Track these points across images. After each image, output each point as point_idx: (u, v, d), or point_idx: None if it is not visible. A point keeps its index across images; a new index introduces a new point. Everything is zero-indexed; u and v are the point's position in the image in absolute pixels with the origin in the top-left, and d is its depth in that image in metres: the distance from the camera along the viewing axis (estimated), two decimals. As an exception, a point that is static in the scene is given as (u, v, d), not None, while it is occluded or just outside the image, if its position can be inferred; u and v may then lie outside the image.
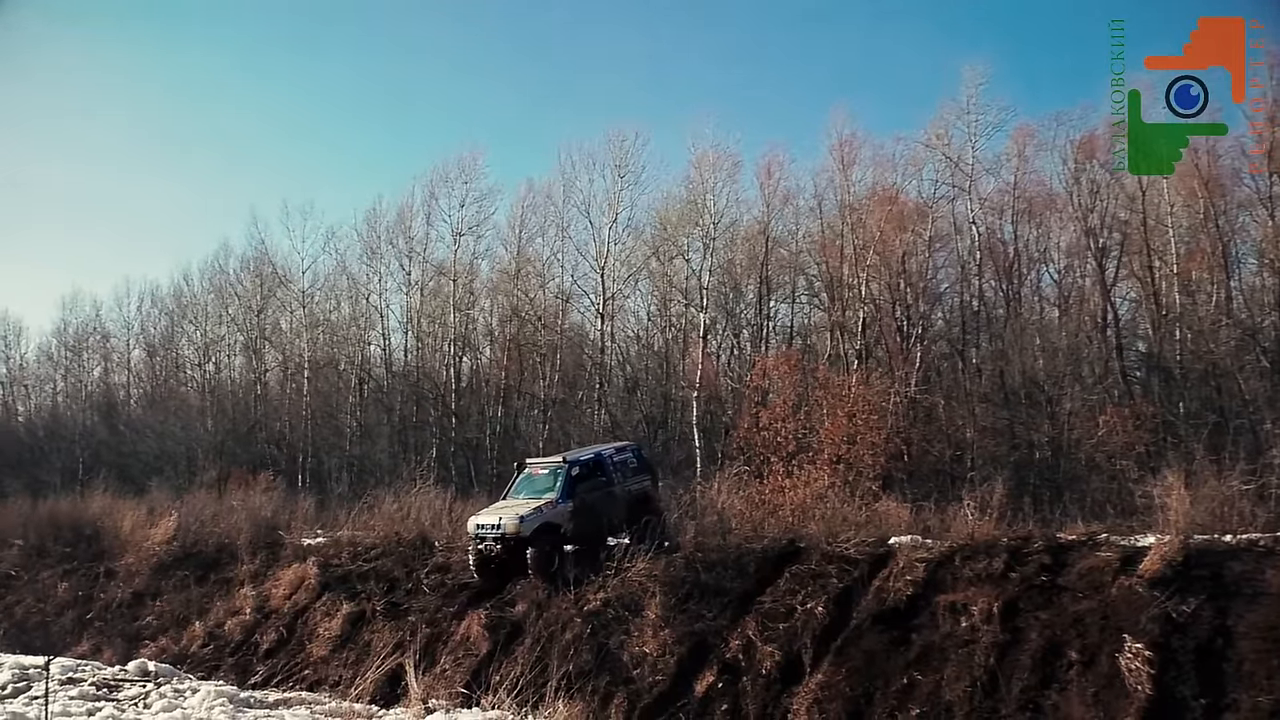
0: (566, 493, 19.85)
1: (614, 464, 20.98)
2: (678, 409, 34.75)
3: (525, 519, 19.20)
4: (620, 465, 21.05)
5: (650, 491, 21.57)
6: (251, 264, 47.08)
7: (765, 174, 35.19)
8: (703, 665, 16.33)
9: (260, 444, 42.25)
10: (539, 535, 19.21)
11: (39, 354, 57.25)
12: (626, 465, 21.23)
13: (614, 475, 20.76)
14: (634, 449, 22.43)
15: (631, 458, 21.64)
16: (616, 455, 21.39)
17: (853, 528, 18.70)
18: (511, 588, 20.37)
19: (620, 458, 21.34)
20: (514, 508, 19.84)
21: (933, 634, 14.98)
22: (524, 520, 19.18)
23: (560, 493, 19.86)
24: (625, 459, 21.39)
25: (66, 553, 29.85)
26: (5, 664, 14.46)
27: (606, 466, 20.82)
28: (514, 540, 19.15)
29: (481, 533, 19.76)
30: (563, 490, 19.89)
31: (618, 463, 21.07)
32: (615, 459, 21.17)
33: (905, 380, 27.52)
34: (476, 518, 20.24)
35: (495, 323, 41.09)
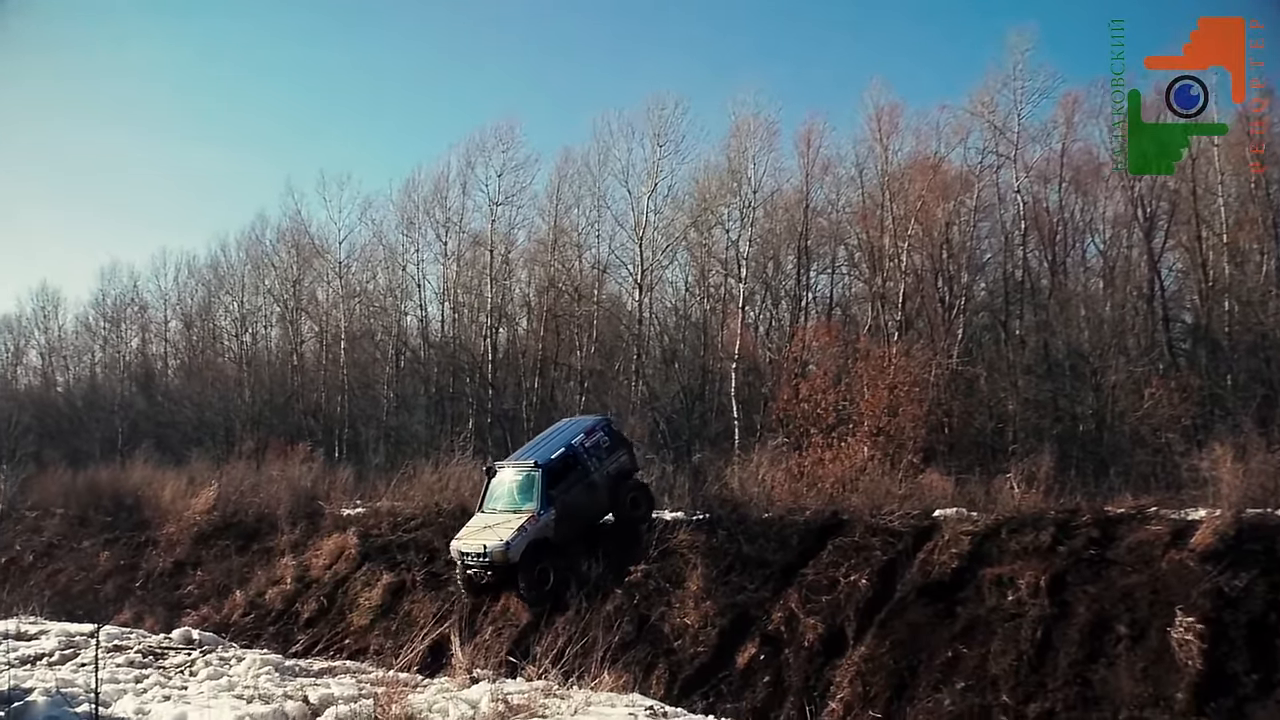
0: (545, 500, 19.04)
1: (587, 451, 20.07)
2: (716, 380, 34.55)
3: (511, 544, 18.36)
4: (593, 450, 20.13)
5: (628, 466, 20.77)
6: (288, 235, 47.19)
7: (804, 143, 34.86)
8: (744, 637, 16.26)
9: (297, 415, 42.46)
10: (527, 557, 18.45)
11: (77, 325, 57.85)
12: (600, 447, 20.27)
13: (589, 463, 19.91)
14: (603, 425, 21.20)
15: (603, 436, 20.59)
16: (587, 441, 20.33)
17: (895, 500, 18.50)
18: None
19: (592, 442, 20.33)
20: (496, 527, 18.92)
21: (978, 607, 14.83)
22: (510, 546, 18.34)
23: (539, 502, 19.04)
24: (597, 440, 20.39)
25: (107, 522, 30.16)
26: (52, 631, 14.56)
27: (580, 457, 19.92)
28: (503, 566, 18.44)
29: (468, 560, 18.99)
30: (541, 499, 19.07)
31: (590, 448, 20.13)
32: (587, 445, 20.20)
33: (947, 352, 27.15)
34: (459, 543, 19.36)
35: (532, 293, 41.03)
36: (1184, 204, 29.97)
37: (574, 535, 19.12)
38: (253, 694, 11.02)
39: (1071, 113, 31.92)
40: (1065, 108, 31.94)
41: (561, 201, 39.30)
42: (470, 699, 10.82)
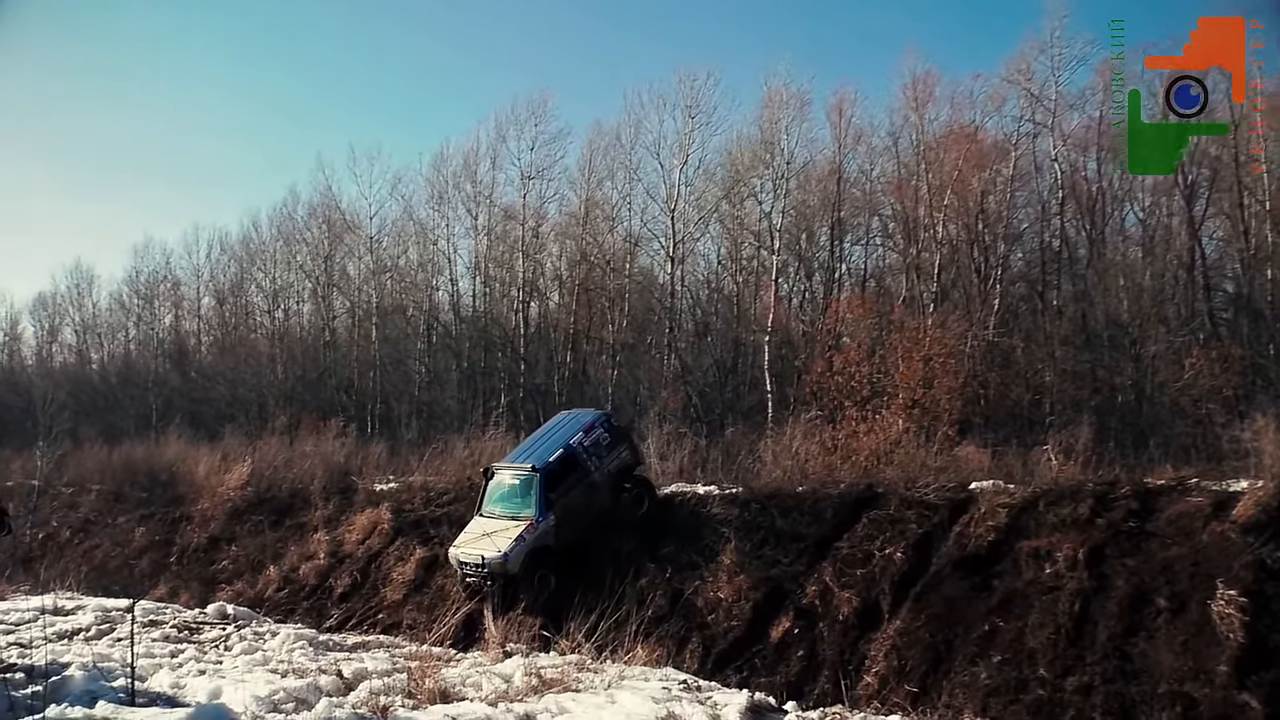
0: (544, 506, 18.46)
1: (586, 450, 19.45)
2: (749, 353, 34.37)
3: (510, 556, 17.73)
4: (593, 448, 19.54)
5: (629, 462, 20.21)
6: (319, 210, 47.17)
7: (837, 113, 34.46)
8: (778, 611, 16.19)
9: (330, 390, 42.62)
10: (527, 567, 17.89)
11: (111, 302, 58.23)
12: (600, 444, 19.66)
13: (589, 462, 19.33)
14: (603, 421, 20.56)
15: (603, 433, 19.94)
16: (586, 439, 19.67)
17: (931, 473, 18.35)
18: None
19: (591, 440, 19.69)
20: (494, 536, 18.30)
21: (1015, 580, 14.69)
22: (509, 557, 17.72)
23: (538, 509, 18.46)
24: (597, 438, 19.75)
25: (143, 498, 30.44)
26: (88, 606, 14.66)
27: (579, 457, 19.32)
28: (502, 576, 17.90)
29: (466, 570, 18.51)
30: (540, 505, 18.48)
31: (589, 446, 19.52)
32: (586, 444, 19.55)
33: (983, 323, 26.86)
34: (457, 551, 18.81)
35: (564, 267, 40.85)
36: (1226, 170, 29.42)
37: (576, 539, 18.54)
38: (287, 668, 11.05)
39: (1110, 79, 31.35)
40: (1103, 74, 31.37)
41: (594, 174, 39.11)
42: (503, 673, 10.83)
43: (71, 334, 60.21)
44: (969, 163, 30.24)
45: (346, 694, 9.61)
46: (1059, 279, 31.07)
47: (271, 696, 9.21)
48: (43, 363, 59.20)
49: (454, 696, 9.51)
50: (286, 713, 8.63)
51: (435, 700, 9.21)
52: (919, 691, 13.15)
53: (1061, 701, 12.46)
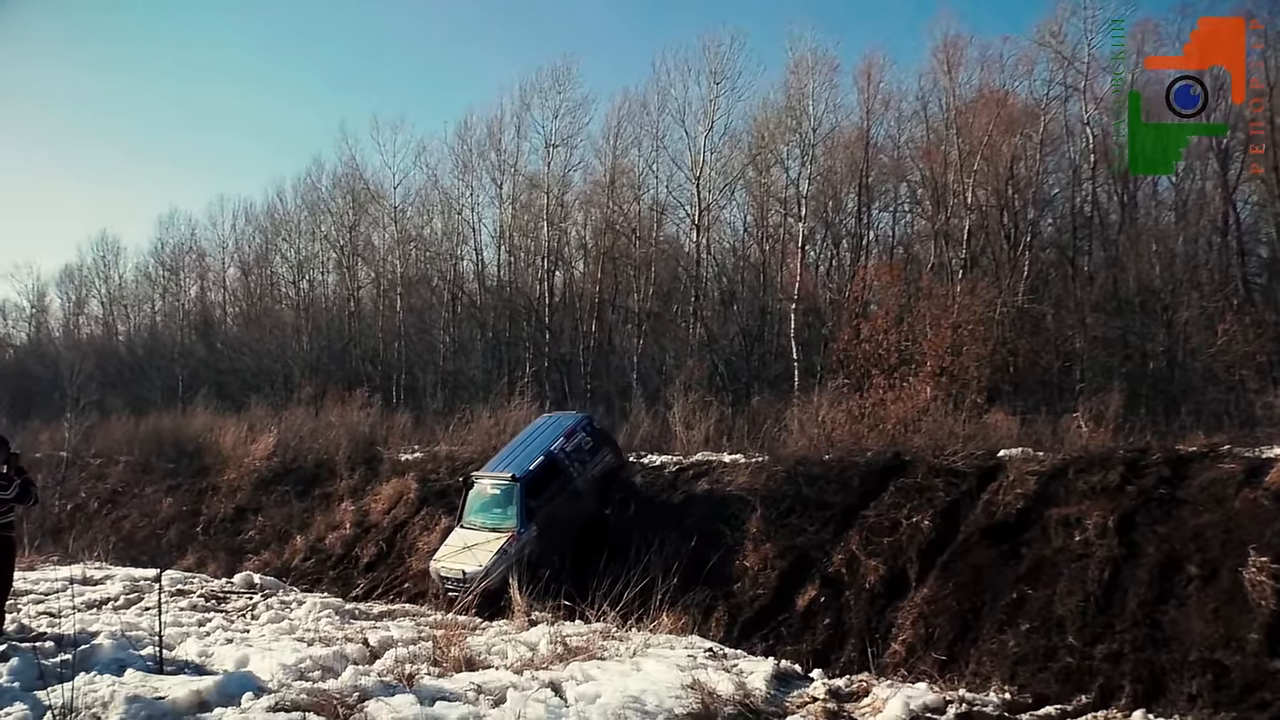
0: (524, 517, 18.03)
1: (568, 455, 19.08)
2: (775, 321, 34.20)
3: (490, 571, 17.10)
4: (575, 453, 19.16)
5: (613, 465, 19.81)
6: (343, 180, 47.12)
7: (865, 78, 34.06)
8: (804, 579, 16.15)
9: (355, 361, 42.69)
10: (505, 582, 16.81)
11: (137, 273, 58.56)
12: (582, 449, 19.30)
13: (571, 469, 18.94)
14: (585, 425, 20.14)
15: (585, 437, 19.59)
16: (568, 444, 19.28)
17: (959, 440, 18.20)
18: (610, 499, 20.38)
19: (573, 445, 19.32)
20: (475, 549, 17.89)
21: (1044, 548, 14.58)
22: (490, 573, 17.02)
23: (519, 520, 18.03)
24: (579, 442, 19.40)
25: (170, 468, 30.67)
26: (117, 576, 14.79)
27: (561, 464, 18.90)
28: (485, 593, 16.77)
29: (448, 585, 17.82)
30: (521, 515, 18.06)
31: (571, 452, 19.14)
32: (568, 449, 19.17)
33: (1012, 289, 26.53)
34: (437, 564, 18.41)
35: (589, 236, 40.64)
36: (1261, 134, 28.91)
37: (558, 549, 17.78)
38: (313, 637, 11.10)
39: (1143, 42, 30.82)
40: (1136, 37, 30.86)
41: (619, 142, 38.84)
42: (529, 641, 10.83)
43: (98, 306, 60.69)
44: (999, 127, 29.83)
45: (373, 662, 9.63)
46: (1090, 245, 30.71)
47: (298, 664, 9.24)
48: (70, 335, 59.61)
49: (479, 664, 9.51)
50: (313, 680, 8.64)
51: (461, 668, 9.22)
52: (946, 660, 13.08)
53: (1090, 669, 12.36)
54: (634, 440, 24.58)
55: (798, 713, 8.13)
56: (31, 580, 13.41)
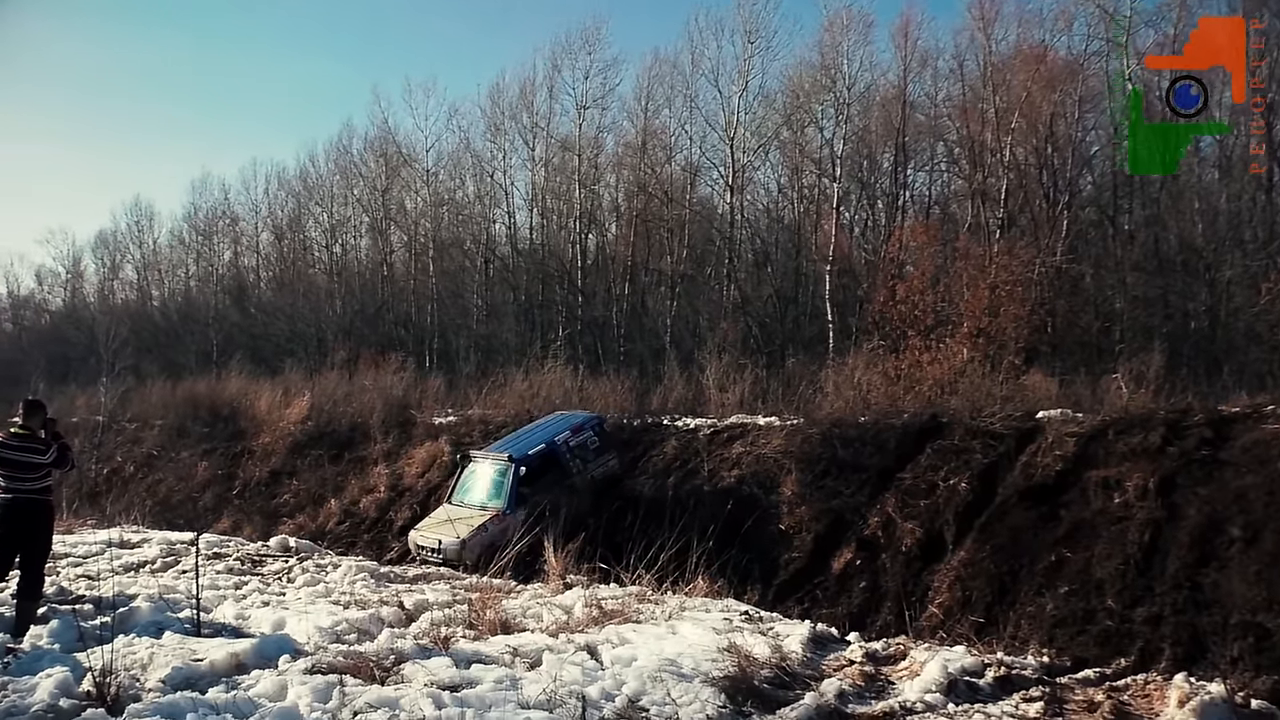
0: (515, 500, 17.58)
1: (570, 450, 18.62)
2: (809, 283, 33.97)
3: (468, 544, 16.81)
4: (579, 449, 18.71)
5: (615, 472, 19.20)
6: (375, 144, 47.10)
7: (901, 35, 33.58)
8: (840, 542, 16.10)
9: (388, 325, 42.79)
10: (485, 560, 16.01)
11: (171, 239, 58.82)
12: (586, 447, 18.85)
13: (572, 464, 18.44)
14: (594, 424, 19.71)
15: (592, 436, 19.15)
16: (573, 438, 18.89)
17: (997, 402, 18.06)
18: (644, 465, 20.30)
19: (578, 439, 18.92)
20: (457, 523, 17.47)
21: (1083, 510, 14.45)
22: (466, 545, 16.81)
23: (508, 501, 17.60)
24: (584, 439, 18.97)
25: (205, 433, 30.88)
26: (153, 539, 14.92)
27: (561, 456, 18.48)
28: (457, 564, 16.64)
29: (424, 555, 17.63)
30: (510, 498, 17.62)
31: (575, 447, 18.70)
32: (572, 443, 18.75)
33: (1051, 249, 26.16)
34: (416, 534, 18.14)
35: (621, 198, 40.44)
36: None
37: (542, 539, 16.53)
38: (349, 600, 11.14)
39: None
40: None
41: (651, 103, 38.59)
42: (564, 604, 10.82)
43: (133, 271, 61.05)
44: (1038, 84, 29.29)
45: (408, 625, 9.65)
46: (1130, 203, 30.19)
47: (334, 627, 9.28)
48: (105, 300, 59.95)
49: (515, 628, 9.50)
50: (349, 643, 8.66)
51: (496, 631, 9.21)
52: (984, 623, 12.99)
53: (1130, 633, 12.26)
54: (668, 403, 24.53)
55: (834, 676, 8.06)
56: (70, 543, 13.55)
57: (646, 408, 24.30)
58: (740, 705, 7.17)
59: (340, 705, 6.59)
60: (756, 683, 7.67)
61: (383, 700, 6.66)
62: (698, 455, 19.52)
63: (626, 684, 7.28)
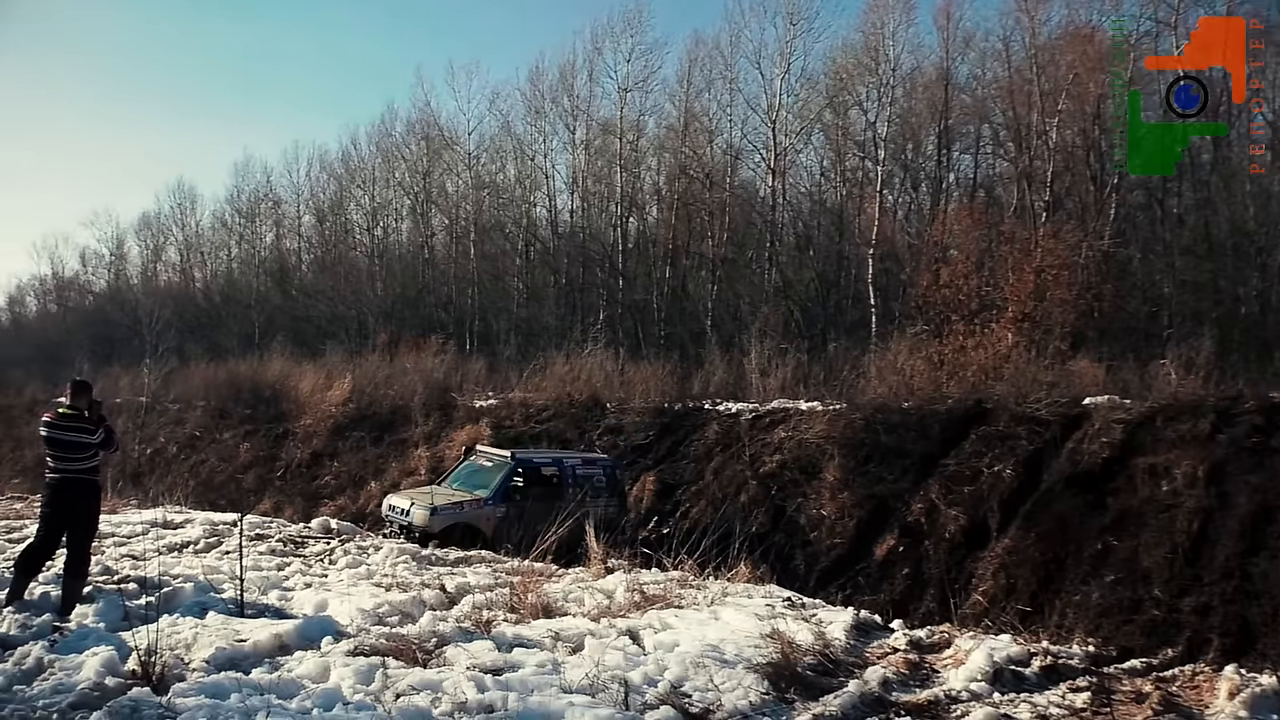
0: (501, 495, 17.27)
1: (575, 477, 18.16)
2: (852, 267, 33.70)
3: (437, 512, 16.61)
4: (583, 480, 18.13)
5: (613, 516, 18.03)
6: (417, 127, 47.08)
7: (944, 16, 33.19)
8: (883, 528, 16.03)
9: (428, 308, 42.81)
10: (448, 536, 16.25)
11: (214, 221, 58.79)
12: (591, 481, 18.22)
13: (571, 491, 17.52)
14: (607, 465, 19.32)
15: (600, 475, 18.64)
16: (582, 467, 18.60)
17: (1043, 388, 17.86)
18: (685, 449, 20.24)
19: (586, 471, 18.51)
20: (437, 495, 17.37)
21: (1130, 498, 14.31)
22: (434, 514, 16.58)
23: (494, 493, 17.28)
24: (592, 474, 18.47)
25: (247, 414, 31.06)
26: (196, 520, 14.98)
27: (565, 478, 18.09)
28: (420, 534, 16.38)
29: (391, 516, 17.47)
30: (497, 491, 17.31)
31: (580, 476, 18.22)
32: (579, 471, 18.38)
33: (1098, 233, 25.80)
34: (392, 497, 18.20)
35: (662, 181, 40.30)
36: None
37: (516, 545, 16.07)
38: (391, 582, 11.13)
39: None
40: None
41: (692, 86, 38.35)
42: (605, 588, 10.77)
43: (175, 253, 61.08)
44: (1085, 65, 28.85)
45: (450, 608, 9.63)
46: (1180, 185, 29.64)
47: (376, 609, 9.27)
48: (148, 282, 59.98)
49: (556, 611, 9.48)
50: (391, 625, 8.66)
51: (538, 615, 9.19)
52: (1029, 611, 12.87)
53: (1177, 622, 12.13)
54: (709, 387, 24.46)
55: (878, 663, 7.98)
56: (114, 523, 13.64)
57: (688, 392, 24.24)
58: (783, 692, 7.11)
59: (383, 687, 6.59)
60: (800, 669, 7.60)
61: (425, 683, 6.66)
62: (739, 440, 19.46)
63: (669, 669, 7.25)
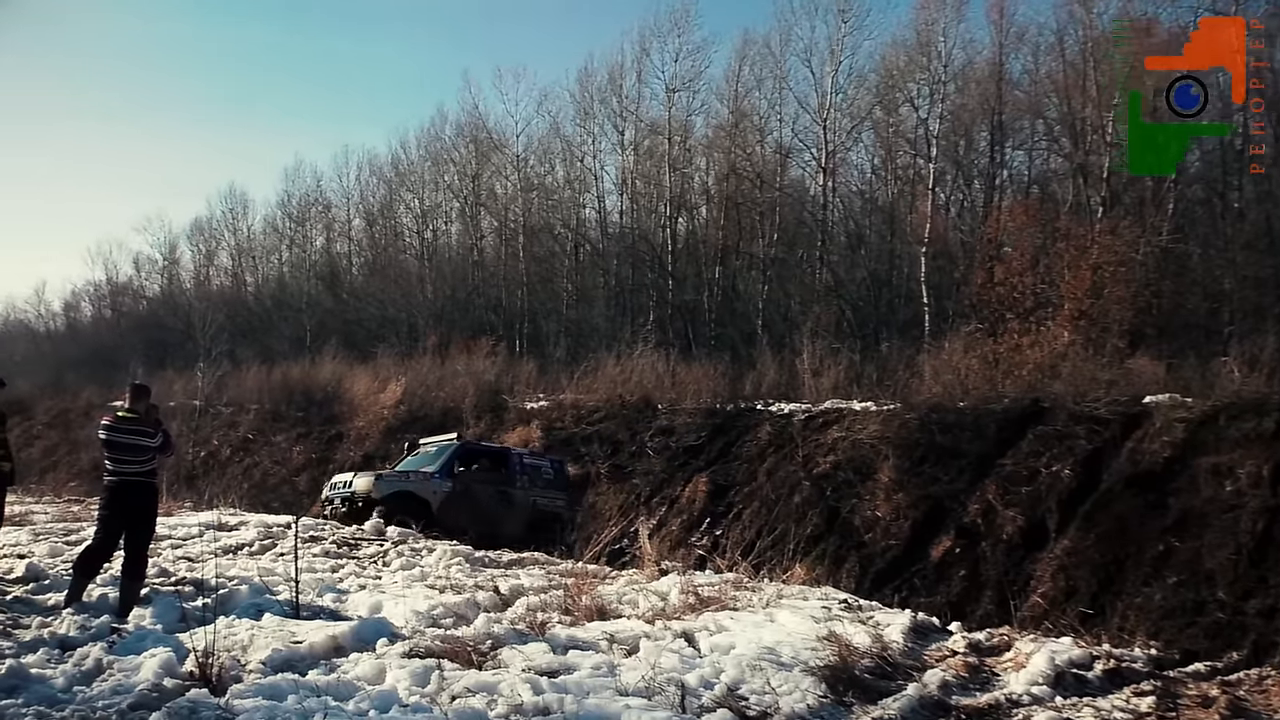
0: (446, 471, 17.73)
1: (521, 465, 18.81)
2: (904, 265, 33.42)
3: (382, 479, 17.12)
4: (529, 470, 18.86)
5: (560, 510, 18.89)
6: (466, 129, 47.29)
7: (997, 11, 32.78)
8: (938, 529, 15.82)
9: (478, 310, 42.94)
10: (393, 502, 16.71)
11: (265, 225, 59.24)
12: (538, 472, 19.00)
13: (517, 478, 18.50)
14: (555, 462, 20.02)
15: (549, 468, 19.39)
16: (529, 459, 19.31)
17: (1101, 386, 17.54)
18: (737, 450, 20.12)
19: (532, 462, 19.27)
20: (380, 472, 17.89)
21: (1193, 498, 13.99)
22: (380, 479, 17.05)
23: (439, 468, 17.76)
24: (539, 465, 19.24)
25: (300, 417, 31.29)
26: (250, 522, 15.13)
27: (511, 465, 18.66)
28: (363, 502, 16.71)
29: (331, 494, 17.77)
30: (443, 467, 17.80)
31: (527, 465, 18.92)
32: (526, 460, 19.08)
33: (1156, 228, 25.35)
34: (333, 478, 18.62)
35: (712, 181, 40.21)
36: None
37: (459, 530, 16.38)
38: (445, 584, 11.18)
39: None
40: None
41: (741, 85, 38.26)
42: (660, 590, 10.75)
43: (227, 257, 61.41)
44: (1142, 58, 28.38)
45: (504, 610, 9.65)
46: (1240, 180, 29.05)
47: (431, 611, 9.30)
48: (200, 286, 60.31)
49: (610, 613, 9.47)
50: (446, 627, 8.68)
51: (593, 617, 9.18)
52: (1089, 614, 12.65)
53: (1242, 625, 11.86)
54: (760, 388, 24.33)
55: (937, 666, 7.89)
56: (169, 526, 13.80)
57: (739, 392, 24.13)
58: (841, 695, 7.04)
59: (438, 689, 6.60)
60: (857, 672, 7.54)
61: (481, 685, 6.66)
62: (792, 441, 19.32)
63: (725, 672, 7.20)
